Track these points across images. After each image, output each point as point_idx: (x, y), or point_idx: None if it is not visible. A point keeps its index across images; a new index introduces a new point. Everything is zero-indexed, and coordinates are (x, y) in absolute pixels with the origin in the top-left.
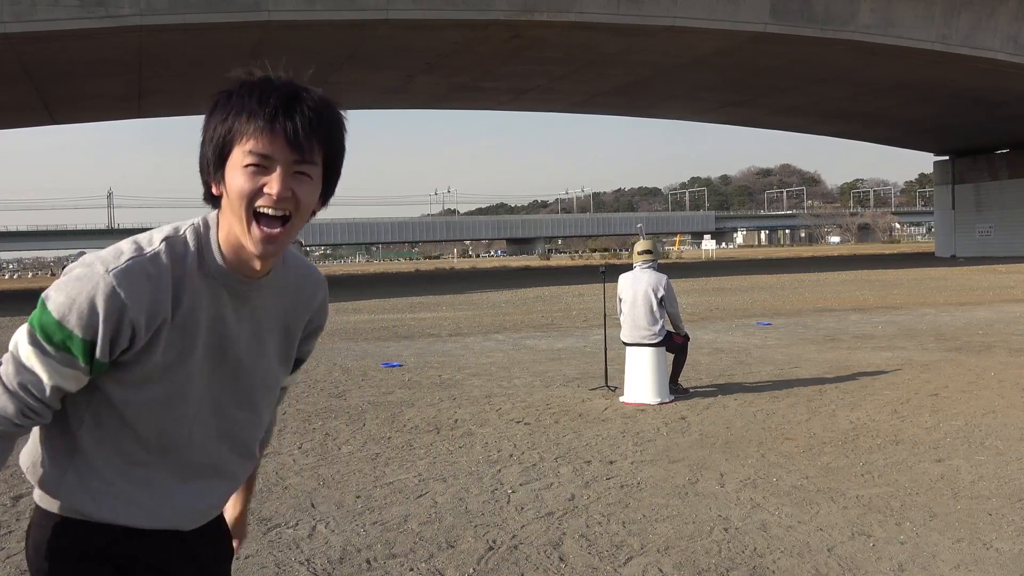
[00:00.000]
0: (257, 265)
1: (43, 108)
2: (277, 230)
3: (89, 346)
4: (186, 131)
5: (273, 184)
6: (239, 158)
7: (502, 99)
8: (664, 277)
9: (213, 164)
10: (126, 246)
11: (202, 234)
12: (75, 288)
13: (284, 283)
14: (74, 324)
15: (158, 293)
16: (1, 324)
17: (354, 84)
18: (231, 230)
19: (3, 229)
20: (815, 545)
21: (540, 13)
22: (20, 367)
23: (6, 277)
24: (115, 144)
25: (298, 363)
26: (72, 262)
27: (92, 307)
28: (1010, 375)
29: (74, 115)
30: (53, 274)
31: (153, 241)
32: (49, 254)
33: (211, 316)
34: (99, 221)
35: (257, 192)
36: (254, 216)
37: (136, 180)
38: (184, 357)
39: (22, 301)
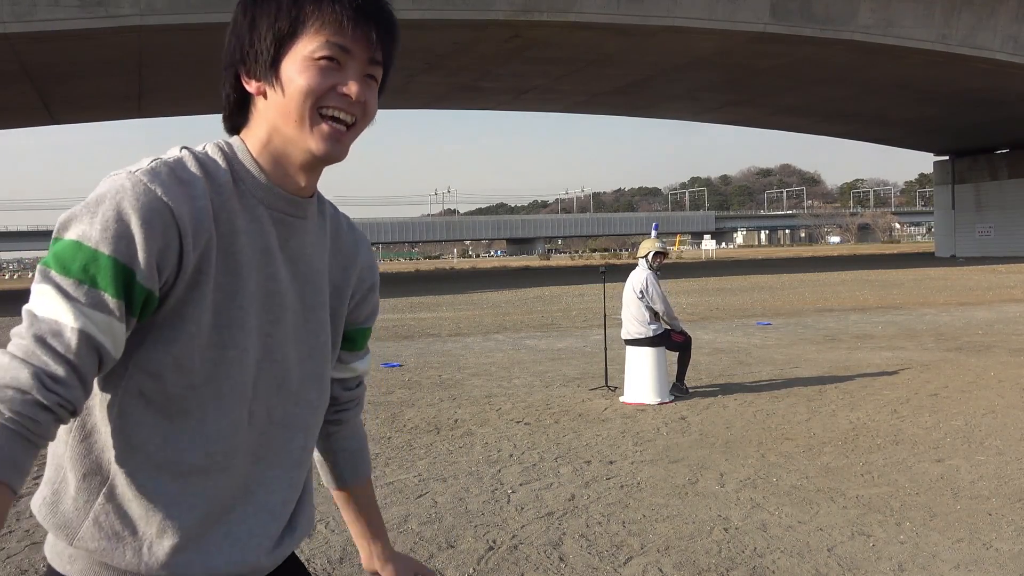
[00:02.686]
0: (302, 180)
1: (43, 108)
2: (344, 128)
3: (123, 272)
4: (186, 131)
5: (351, 84)
6: (307, 49)
7: (502, 99)
8: (647, 273)
9: (270, 56)
10: (142, 161)
11: (228, 152)
12: (94, 202)
13: (324, 227)
14: (97, 239)
15: (196, 200)
16: (1, 324)
17: None
18: (271, 139)
19: (3, 229)
20: (815, 545)
21: (540, 13)
22: (33, 317)
23: (6, 277)
24: (115, 144)
25: (362, 338)
26: None
27: (121, 216)
28: (1010, 375)
29: (74, 115)
30: None
31: (171, 152)
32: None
33: (258, 248)
34: None
35: (327, 91)
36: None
37: None
38: (234, 300)
39: (22, 301)
